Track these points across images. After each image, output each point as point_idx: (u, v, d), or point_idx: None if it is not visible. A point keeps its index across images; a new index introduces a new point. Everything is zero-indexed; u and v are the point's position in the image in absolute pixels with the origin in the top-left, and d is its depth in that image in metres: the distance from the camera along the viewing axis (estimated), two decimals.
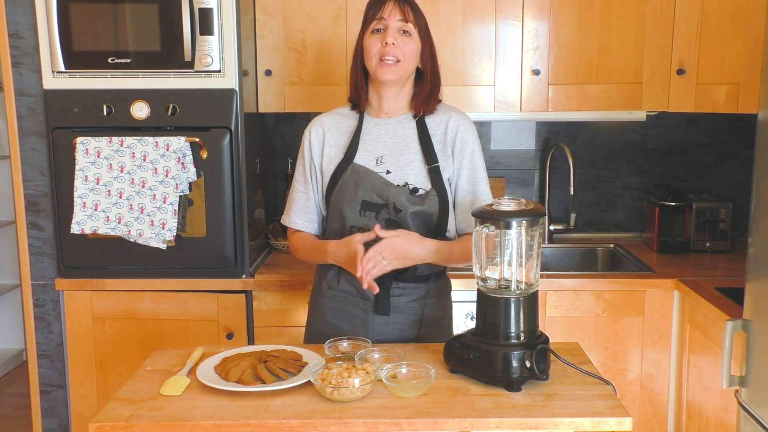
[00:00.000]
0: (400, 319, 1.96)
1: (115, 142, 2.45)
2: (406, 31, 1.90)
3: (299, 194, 2.05)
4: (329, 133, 2.01)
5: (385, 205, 1.91)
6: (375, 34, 1.90)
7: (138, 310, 2.60)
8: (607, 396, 1.57)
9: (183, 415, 1.51)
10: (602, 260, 3.09)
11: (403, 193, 1.90)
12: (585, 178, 3.19)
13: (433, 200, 1.92)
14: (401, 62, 1.89)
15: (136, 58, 2.47)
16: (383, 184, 1.91)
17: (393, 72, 1.90)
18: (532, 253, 1.64)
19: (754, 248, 1.87)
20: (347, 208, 1.92)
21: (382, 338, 1.96)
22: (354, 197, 1.92)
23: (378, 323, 1.96)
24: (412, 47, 1.91)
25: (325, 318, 2.02)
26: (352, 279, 1.93)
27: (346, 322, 1.98)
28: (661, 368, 2.60)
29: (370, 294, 1.92)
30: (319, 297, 2.05)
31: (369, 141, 1.98)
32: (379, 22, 1.89)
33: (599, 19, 2.72)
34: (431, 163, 1.94)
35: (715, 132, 3.15)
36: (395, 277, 1.92)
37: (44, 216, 2.66)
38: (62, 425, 2.75)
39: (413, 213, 1.90)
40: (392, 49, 1.88)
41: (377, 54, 1.89)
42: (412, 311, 1.97)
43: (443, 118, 1.98)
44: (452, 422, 1.48)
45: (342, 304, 1.99)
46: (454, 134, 1.96)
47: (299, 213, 2.05)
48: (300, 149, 2.06)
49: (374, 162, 1.95)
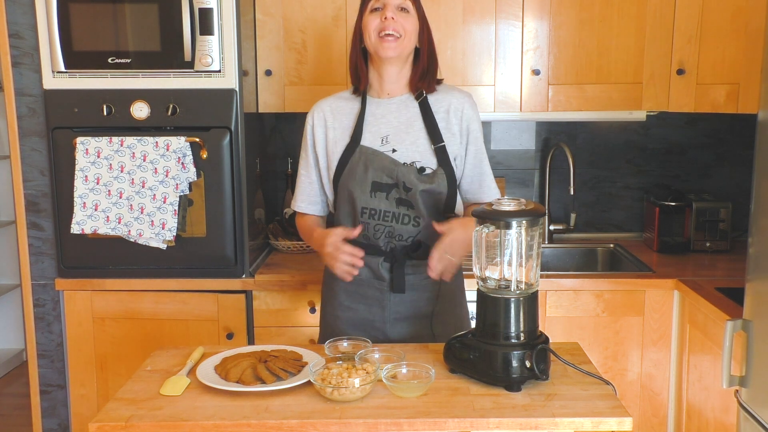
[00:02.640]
0: (415, 296, 1.99)
1: (115, 142, 2.45)
2: (405, 8, 1.92)
3: (302, 179, 2.08)
4: (331, 116, 2.02)
5: (395, 184, 1.92)
6: (374, 12, 1.92)
7: (138, 310, 2.60)
8: (607, 396, 1.57)
9: (183, 415, 1.51)
10: (602, 260, 3.09)
11: (412, 172, 1.92)
12: (585, 178, 3.19)
13: (442, 178, 1.94)
14: (401, 38, 1.91)
15: (136, 58, 2.47)
16: (392, 164, 1.93)
17: (394, 48, 1.91)
18: (532, 253, 1.64)
19: (754, 248, 1.87)
20: (357, 190, 1.93)
21: (398, 316, 1.99)
22: (364, 179, 1.93)
23: (394, 302, 1.98)
24: (412, 22, 1.93)
25: (340, 302, 2.03)
26: (366, 261, 1.93)
27: (361, 304, 2.01)
28: (661, 368, 2.60)
29: (385, 273, 1.96)
30: (332, 281, 2.05)
31: (373, 122, 1.99)
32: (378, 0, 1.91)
33: (599, 19, 2.73)
34: (437, 143, 1.95)
35: (715, 132, 3.15)
36: (408, 255, 1.95)
37: (44, 216, 2.66)
38: (62, 425, 2.75)
39: (423, 191, 1.92)
40: (392, 23, 1.89)
41: (376, 30, 1.90)
42: (426, 287, 1.99)
43: (446, 97, 2.00)
44: (452, 422, 1.48)
45: (357, 286, 2.00)
46: (460, 112, 1.98)
47: (302, 197, 2.09)
48: (303, 134, 2.07)
49: (380, 142, 1.96)
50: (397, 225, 1.93)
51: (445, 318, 2.01)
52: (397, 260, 1.95)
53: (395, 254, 1.95)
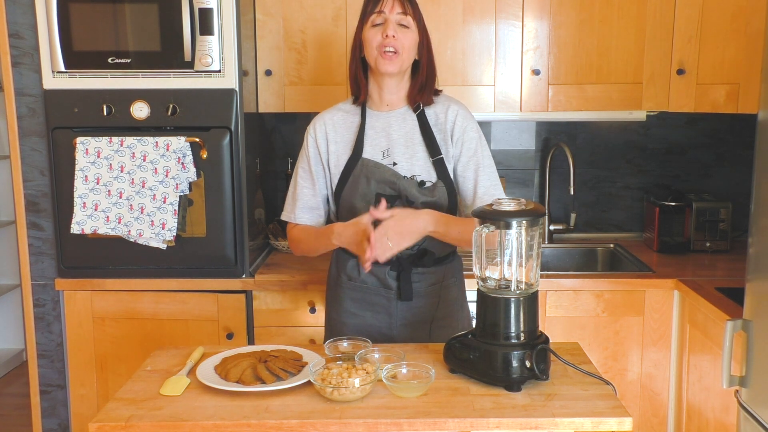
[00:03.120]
0: (421, 303, 2.00)
1: (115, 142, 2.45)
2: (405, 24, 1.93)
3: (304, 190, 2.05)
4: (333, 130, 2.03)
5: (398, 196, 1.94)
6: (375, 27, 1.93)
7: (138, 310, 2.60)
8: (607, 396, 1.57)
9: (183, 415, 1.51)
10: (602, 260, 3.09)
11: (413, 185, 1.94)
12: (585, 178, 3.19)
13: (442, 192, 1.95)
14: (401, 53, 1.92)
15: (136, 58, 2.47)
16: (394, 177, 1.94)
17: (393, 64, 1.92)
18: (532, 253, 1.64)
19: (754, 248, 1.87)
20: (361, 203, 1.95)
21: (405, 322, 2.01)
22: (368, 191, 1.94)
23: (401, 309, 2.00)
24: (411, 38, 1.94)
25: (346, 308, 2.04)
26: (373, 270, 1.95)
27: (368, 311, 2.02)
28: (661, 368, 2.60)
29: (392, 282, 1.97)
30: (338, 289, 2.06)
31: (373, 135, 2.00)
32: (379, 15, 1.92)
33: (599, 19, 2.72)
34: (435, 156, 1.97)
35: (715, 132, 3.15)
36: (414, 263, 1.97)
37: (44, 216, 2.66)
38: (62, 425, 2.75)
39: (424, 204, 1.93)
40: (392, 41, 1.90)
41: (378, 46, 1.92)
42: (432, 294, 2.01)
43: (442, 108, 2.02)
44: (452, 422, 1.48)
45: (363, 294, 2.01)
46: (453, 122, 1.99)
47: (305, 209, 2.05)
48: (303, 146, 2.07)
49: (381, 155, 1.98)
50: None
51: (448, 322, 2.02)
52: (403, 269, 1.97)
53: (401, 263, 1.96)
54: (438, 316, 2.02)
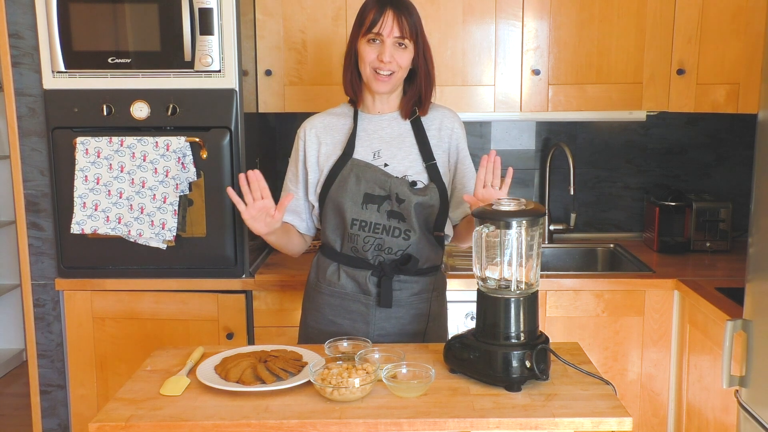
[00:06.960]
0: (401, 314, 1.98)
1: (115, 142, 2.45)
2: (402, 44, 1.91)
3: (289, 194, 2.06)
4: (324, 132, 2.03)
5: (387, 196, 1.93)
6: (371, 43, 1.91)
7: (138, 310, 2.60)
8: (607, 396, 1.57)
9: (183, 415, 1.51)
10: (602, 260, 3.09)
11: (405, 185, 1.94)
12: (585, 178, 3.19)
13: (434, 192, 1.95)
14: (395, 73, 1.93)
15: (136, 58, 2.47)
16: (384, 176, 1.94)
17: (387, 85, 1.94)
18: (532, 253, 1.64)
19: (754, 248, 1.87)
20: (348, 201, 1.94)
21: (383, 332, 1.98)
22: (356, 190, 1.94)
23: (379, 318, 1.98)
24: (408, 57, 1.94)
25: (323, 315, 2.03)
26: (352, 274, 1.97)
27: (346, 319, 2.00)
28: (661, 368, 2.60)
29: (373, 288, 1.96)
30: (317, 295, 2.05)
31: (365, 137, 2.01)
32: (377, 36, 1.90)
33: (599, 19, 2.72)
34: (428, 161, 1.98)
35: (715, 132, 3.15)
36: (397, 269, 1.95)
37: (44, 216, 2.66)
38: (62, 425, 2.75)
39: (417, 204, 1.92)
40: (388, 64, 1.90)
41: (372, 64, 1.91)
42: (412, 305, 1.99)
43: (437, 116, 2.03)
44: (452, 422, 1.48)
45: (342, 300, 2.00)
46: (449, 133, 2.02)
47: (288, 211, 2.05)
48: (293, 149, 2.08)
49: (372, 156, 1.98)
50: (387, 237, 1.93)
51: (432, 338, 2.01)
52: (385, 273, 1.94)
53: (383, 267, 1.95)
54: (417, 330, 2.00)
